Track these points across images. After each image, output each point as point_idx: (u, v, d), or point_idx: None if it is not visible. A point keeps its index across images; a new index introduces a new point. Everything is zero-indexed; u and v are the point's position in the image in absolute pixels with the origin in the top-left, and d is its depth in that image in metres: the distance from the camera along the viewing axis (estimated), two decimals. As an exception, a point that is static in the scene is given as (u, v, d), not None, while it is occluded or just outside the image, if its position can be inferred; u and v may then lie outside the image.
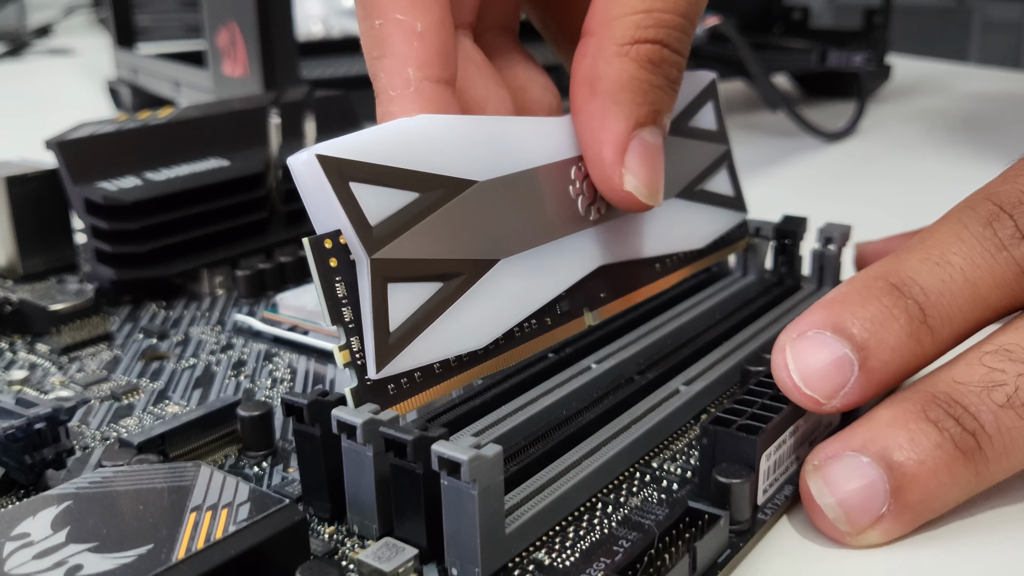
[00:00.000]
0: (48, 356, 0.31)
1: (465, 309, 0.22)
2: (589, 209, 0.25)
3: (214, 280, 0.36)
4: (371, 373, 0.20)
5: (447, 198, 0.21)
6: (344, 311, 0.20)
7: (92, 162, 0.35)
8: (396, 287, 0.20)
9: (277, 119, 0.39)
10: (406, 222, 0.21)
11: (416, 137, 0.21)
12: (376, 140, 0.21)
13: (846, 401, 0.22)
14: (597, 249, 0.26)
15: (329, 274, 0.20)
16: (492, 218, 0.22)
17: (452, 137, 0.22)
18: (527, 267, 0.23)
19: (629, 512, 0.21)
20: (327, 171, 0.20)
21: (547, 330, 0.25)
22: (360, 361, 0.20)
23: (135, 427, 0.26)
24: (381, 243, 0.20)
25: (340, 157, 0.20)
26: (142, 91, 0.73)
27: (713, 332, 0.29)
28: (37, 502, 0.19)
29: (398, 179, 0.21)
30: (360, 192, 0.20)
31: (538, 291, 0.24)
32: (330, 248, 0.20)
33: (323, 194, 0.20)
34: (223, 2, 0.55)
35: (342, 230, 0.20)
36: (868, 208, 0.47)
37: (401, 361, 0.20)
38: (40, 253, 0.37)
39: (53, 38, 1.25)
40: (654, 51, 0.24)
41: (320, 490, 0.21)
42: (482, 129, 0.23)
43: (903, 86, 0.80)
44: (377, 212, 0.20)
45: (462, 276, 0.22)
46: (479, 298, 0.22)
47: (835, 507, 0.21)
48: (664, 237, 0.28)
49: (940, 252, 0.22)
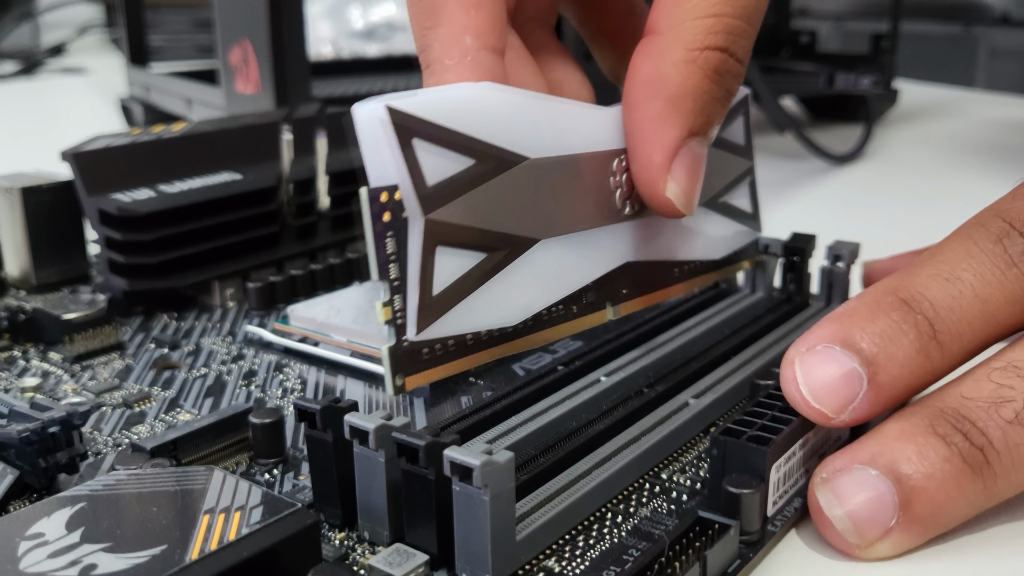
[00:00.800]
0: (60, 364, 0.31)
1: (503, 284, 0.22)
2: (624, 203, 0.25)
3: (225, 292, 0.36)
4: (410, 334, 0.20)
5: (499, 170, 0.21)
6: (391, 267, 0.20)
7: (107, 174, 0.35)
8: (444, 251, 0.20)
9: (289, 135, 0.40)
10: (460, 188, 0.20)
11: (479, 105, 0.21)
12: (443, 101, 0.20)
13: (855, 415, 0.22)
14: (626, 244, 0.26)
15: (382, 227, 0.19)
16: (537, 197, 0.22)
17: (511, 110, 0.22)
18: (563, 252, 0.23)
19: (639, 522, 0.22)
20: (395, 125, 0.19)
21: (572, 318, 0.25)
22: (400, 320, 0.20)
23: (147, 434, 0.26)
24: (436, 204, 0.20)
25: (408, 112, 0.19)
26: (154, 108, 0.74)
27: (722, 347, 0.29)
28: (52, 503, 0.19)
29: (458, 144, 0.20)
30: (421, 150, 0.20)
31: (570, 277, 0.24)
32: (385, 202, 0.19)
33: (386, 147, 0.19)
34: (236, 20, 0.55)
35: (399, 185, 0.20)
36: (876, 229, 0.47)
37: (440, 327, 0.20)
38: (53, 264, 0.37)
39: (66, 57, 1.26)
40: (720, 60, 0.23)
41: (331, 496, 0.21)
42: (539, 107, 0.23)
43: (910, 111, 0.81)
44: (435, 173, 0.20)
45: (504, 251, 0.22)
46: (517, 275, 0.22)
47: (844, 519, 0.21)
48: (687, 243, 0.28)
49: (950, 268, 0.22)
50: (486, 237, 0.21)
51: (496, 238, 0.21)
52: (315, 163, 0.40)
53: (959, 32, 1.24)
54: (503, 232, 0.21)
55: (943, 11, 1.24)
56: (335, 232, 0.41)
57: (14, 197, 0.36)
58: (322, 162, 0.40)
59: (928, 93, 0.93)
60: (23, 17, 1.30)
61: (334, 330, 0.31)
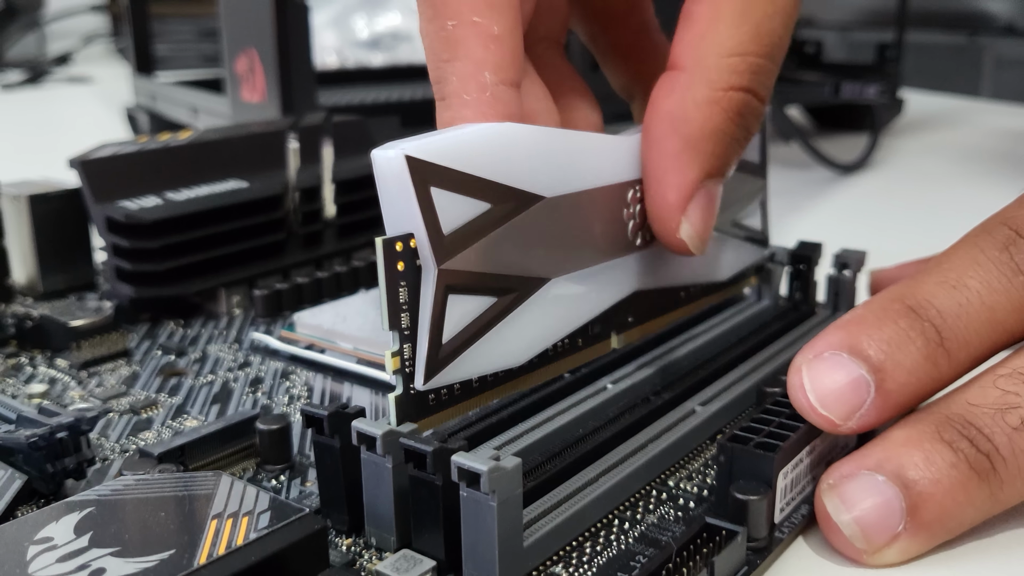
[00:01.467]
0: (67, 371, 0.31)
1: (511, 326, 0.22)
2: (636, 234, 0.25)
3: (231, 300, 0.36)
4: (418, 384, 0.20)
5: (515, 212, 0.21)
6: (403, 316, 0.20)
7: (114, 181, 0.35)
8: (455, 299, 0.20)
9: (295, 143, 0.40)
10: (475, 233, 0.20)
11: (497, 145, 0.21)
12: (461, 145, 0.20)
13: (862, 422, 0.22)
14: (635, 274, 0.26)
15: (395, 277, 0.19)
16: (551, 236, 0.22)
17: (529, 148, 0.22)
18: (573, 288, 0.23)
19: (646, 529, 0.21)
20: (412, 173, 0.19)
21: (577, 351, 0.25)
22: (408, 369, 0.20)
23: (154, 440, 0.26)
24: (451, 253, 0.20)
25: (427, 160, 0.19)
26: (160, 117, 0.74)
27: (728, 355, 0.29)
28: (60, 507, 0.19)
29: (475, 188, 0.20)
30: (439, 198, 0.19)
31: (579, 312, 0.24)
32: (400, 251, 0.19)
33: (403, 195, 0.19)
34: (242, 29, 0.56)
35: (415, 234, 0.19)
36: (882, 238, 0.47)
37: (448, 374, 0.20)
38: (60, 271, 0.37)
39: (72, 66, 1.26)
40: (744, 101, 0.23)
41: (338, 502, 0.21)
42: (556, 142, 0.23)
43: (916, 120, 0.81)
44: (451, 220, 0.20)
45: (515, 293, 0.21)
46: (526, 316, 0.22)
47: (852, 524, 0.21)
48: (696, 267, 0.28)
49: (957, 275, 0.22)
50: (498, 281, 0.21)
51: (508, 281, 0.21)
52: (321, 171, 0.40)
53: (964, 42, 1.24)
54: (515, 275, 0.21)
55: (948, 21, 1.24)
56: (341, 240, 0.41)
57: (21, 205, 0.36)
58: (328, 170, 0.40)
59: (934, 103, 0.93)
60: (29, 27, 1.30)
61: (340, 337, 0.31)
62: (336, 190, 0.40)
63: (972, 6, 1.25)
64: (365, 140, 0.43)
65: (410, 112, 0.58)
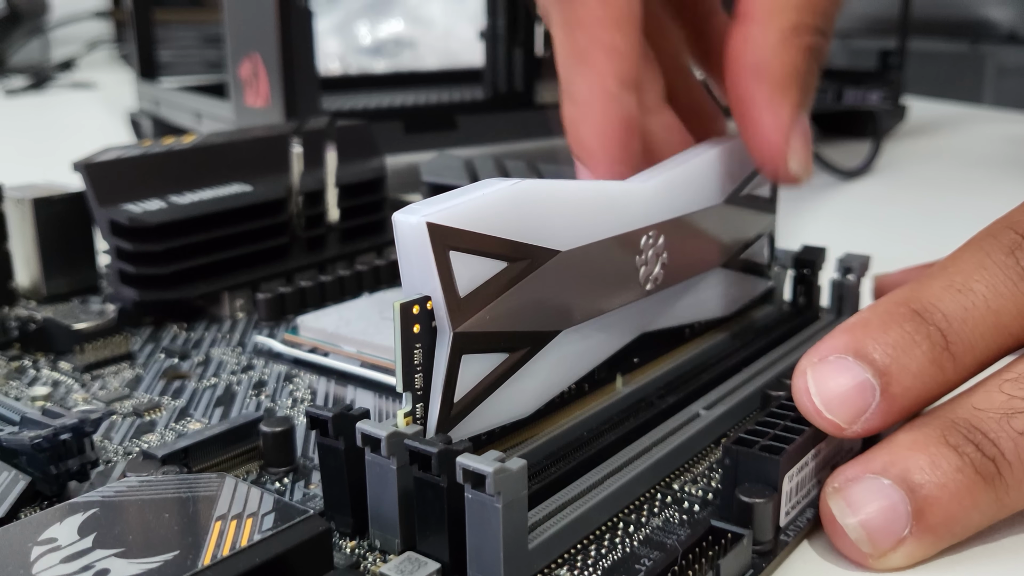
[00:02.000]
0: (71, 374, 0.31)
1: (521, 379, 0.22)
2: (647, 279, 0.25)
3: (235, 303, 0.36)
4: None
5: (530, 269, 0.21)
6: (416, 378, 0.20)
7: (118, 184, 0.35)
8: (468, 358, 0.20)
9: (299, 147, 0.40)
10: (491, 294, 0.20)
11: (516, 204, 0.21)
12: (482, 207, 0.20)
13: (868, 426, 0.22)
14: (643, 318, 0.26)
15: (411, 340, 0.20)
16: (564, 289, 0.22)
17: (546, 204, 0.22)
18: (582, 337, 0.23)
19: (651, 532, 0.21)
20: (433, 240, 0.19)
21: (583, 396, 0.25)
22: (419, 428, 0.20)
23: (157, 442, 0.26)
24: (466, 316, 0.20)
25: (448, 226, 0.19)
26: (163, 122, 0.74)
27: (733, 359, 0.29)
28: (64, 509, 0.19)
29: (493, 248, 0.20)
30: (457, 261, 0.20)
31: (587, 360, 0.24)
32: (416, 314, 0.20)
33: (423, 260, 0.19)
34: (247, 34, 0.56)
35: (432, 297, 0.20)
36: (885, 244, 0.47)
37: (457, 433, 0.20)
38: (63, 275, 0.37)
39: (76, 72, 1.26)
40: (813, 40, 0.25)
41: (343, 504, 0.21)
42: (573, 196, 0.23)
43: (918, 127, 0.81)
44: (468, 282, 0.20)
45: (526, 348, 0.22)
46: (535, 369, 0.22)
47: (857, 527, 0.21)
48: (701, 304, 0.29)
49: (963, 279, 0.22)
50: (511, 338, 0.21)
51: (520, 337, 0.21)
52: (324, 175, 0.40)
53: (966, 50, 1.24)
54: (528, 331, 0.21)
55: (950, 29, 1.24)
56: (344, 244, 0.41)
57: (25, 208, 0.36)
58: (331, 174, 0.40)
59: (936, 110, 0.93)
60: (33, 33, 1.30)
61: (344, 340, 0.31)
62: (339, 194, 0.40)
63: (974, 14, 1.25)
64: (368, 144, 0.43)
65: (413, 118, 0.59)
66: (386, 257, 0.40)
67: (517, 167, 0.37)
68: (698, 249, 0.28)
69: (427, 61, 1.03)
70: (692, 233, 0.27)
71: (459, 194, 0.21)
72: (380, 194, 0.42)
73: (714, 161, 0.28)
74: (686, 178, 0.27)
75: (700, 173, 0.27)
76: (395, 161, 0.49)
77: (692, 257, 0.27)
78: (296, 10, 0.51)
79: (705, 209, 0.27)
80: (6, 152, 0.76)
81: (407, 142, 0.58)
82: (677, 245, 0.26)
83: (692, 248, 0.27)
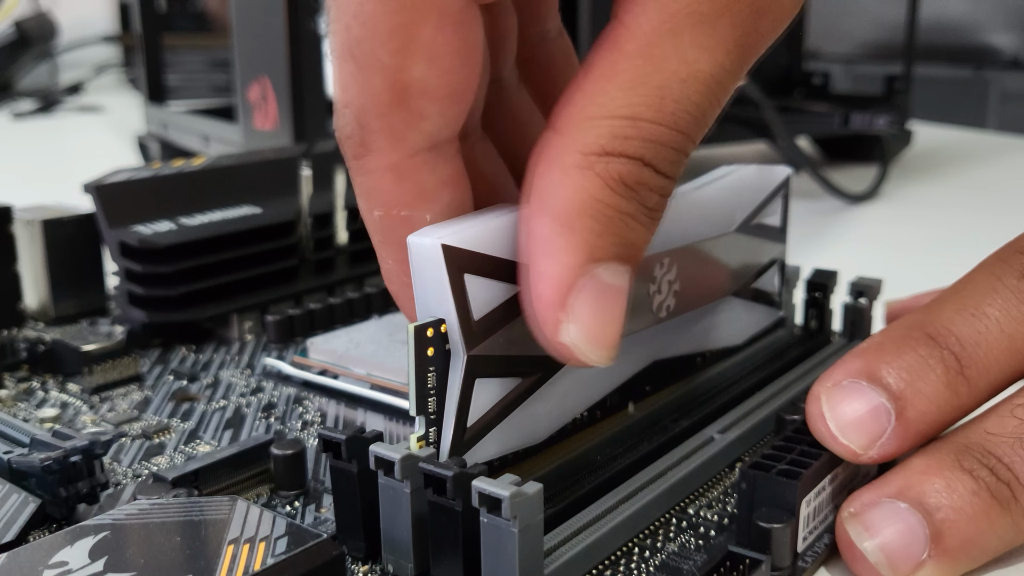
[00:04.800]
0: (79, 395, 0.31)
1: (533, 405, 0.22)
2: (660, 307, 0.25)
3: (244, 325, 0.36)
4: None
5: None
6: (430, 402, 0.20)
7: (128, 206, 0.35)
8: (482, 382, 0.20)
9: (308, 170, 0.40)
10: (504, 317, 0.20)
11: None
12: (498, 229, 0.20)
13: (883, 451, 0.21)
14: (655, 345, 0.26)
15: (424, 363, 0.19)
16: None
17: None
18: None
19: (667, 557, 0.21)
20: (448, 262, 0.19)
21: (595, 423, 0.25)
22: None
23: (167, 465, 0.26)
24: (479, 339, 0.20)
25: (463, 248, 0.19)
26: (171, 145, 0.74)
27: (746, 382, 0.29)
28: (75, 532, 0.19)
29: (506, 271, 0.20)
30: (472, 284, 0.20)
31: (599, 387, 0.24)
32: (430, 337, 0.19)
33: (437, 282, 0.19)
34: (256, 57, 0.56)
35: (446, 320, 0.19)
36: (893, 269, 0.47)
37: (469, 458, 0.20)
38: (72, 297, 0.37)
39: (84, 96, 1.27)
40: (631, 170, 0.19)
41: (355, 528, 0.21)
42: None
43: (925, 152, 0.81)
44: (481, 305, 0.20)
45: (539, 373, 0.22)
46: (548, 394, 0.22)
47: (877, 551, 0.20)
48: (712, 333, 0.28)
49: (975, 303, 0.22)
50: (524, 363, 0.21)
51: (533, 362, 0.21)
52: (333, 198, 0.40)
53: (970, 75, 1.24)
54: (541, 355, 0.21)
55: (954, 54, 1.25)
56: (353, 267, 0.41)
57: (35, 229, 0.36)
58: (340, 197, 0.40)
59: (941, 134, 0.93)
60: (42, 57, 1.31)
61: (354, 363, 0.31)
62: (348, 217, 0.40)
63: (978, 40, 1.26)
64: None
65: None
66: (395, 280, 0.40)
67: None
68: (710, 277, 0.28)
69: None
70: (704, 261, 0.27)
71: (474, 216, 0.21)
72: (389, 217, 0.42)
73: (727, 188, 0.28)
74: (699, 206, 0.27)
75: (713, 201, 0.27)
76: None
77: (704, 285, 0.27)
78: (306, 33, 0.52)
79: (717, 237, 0.27)
80: (14, 175, 0.76)
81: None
82: (689, 273, 0.26)
83: (704, 276, 0.27)
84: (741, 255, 0.29)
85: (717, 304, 0.28)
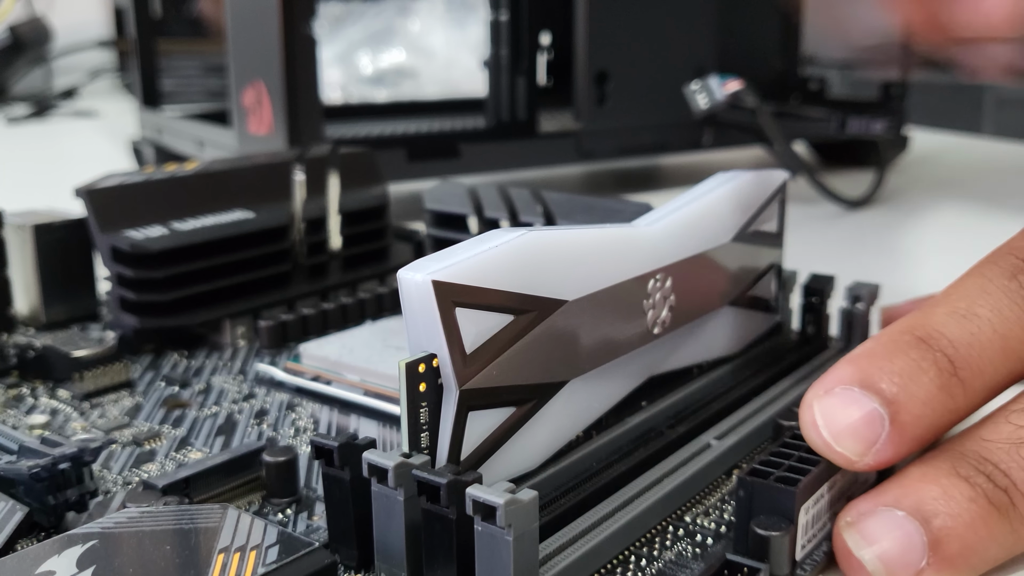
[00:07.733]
0: (70, 402, 0.30)
1: (528, 433, 0.21)
2: (655, 323, 0.25)
3: (236, 331, 0.36)
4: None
5: (538, 320, 0.21)
6: (423, 437, 0.20)
7: (120, 211, 0.35)
8: (475, 415, 0.20)
9: (301, 175, 0.40)
10: (498, 348, 0.20)
11: (523, 257, 0.21)
12: (488, 262, 0.20)
13: (879, 458, 0.21)
14: (651, 362, 0.25)
15: (416, 399, 0.19)
16: (572, 338, 0.22)
17: (554, 255, 0.22)
18: (590, 386, 0.23)
19: (664, 566, 0.21)
20: (439, 298, 0.19)
21: (590, 441, 0.24)
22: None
23: (157, 472, 0.25)
24: (473, 372, 0.20)
25: (453, 282, 0.19)
26: (165, 150, 0.74)
27: (742, 388, 0.28)
28: (63, 540, 0.18)
29: (500, 301, 0.20)
30: (463, 317, 0.19)
31: (595, 409, 0.24)
32: (422, 372, 0.19)
33: (428, 319, 0.19)
34: (250, 62, 0.56)
35: (438, 355, 0.19)
36: (889, 274, 0.47)
37: None
38: (63, 302, 0.37)
39: (78, 100, 1.27)
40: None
41: (348, 536, 0.21)
42: (579, 244, 0.23)
43: (921, 157, 0.81)
44: (474, 338, 0.20)
45: (534, 401, 0.21)
46: (543, 420, 0.22)
47: (875, 560, 0.20)
48: (708, 344, 0.28)
49: (967, 305, 0.22)
50: (518, 391, 0.21)
51: (527, 390, 0.21)
52: (327, 203, 0.40)
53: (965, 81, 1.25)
54: (534, 383, 0.21)
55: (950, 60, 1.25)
56: (346, 272, 0.40)
57: (26, 234, 0.36)
58: (334, 201, 0.40)
59: (937, 140, 0.93)
60: (36, 62, 1.31)
61: (347, 369, 0.31)
62: (342, 221, 0.40)
63: (973, 45, 1.26)
64: (372, 171, 0.43)
65: (416, 145, 0.58)
66: (389, 285, 0.40)
67: (521, 195, 0.37)
68: (706, 289, 0.27)
69: (428, 91, 1.03)
70: (700, 273, 0.27)
71: (465, 248, 0.20)
72: (383, 221, 0.42)
73: (723, 199, 0.28)
74: (694, 218, 0.26)
75: (709, 212, 0.27)
76: (398, 189, 0.49)
77: (700, 298, 0.27)
78: (300, 37, 0.51)
79: (713, 248, 0.27)
80: (7, 180, 0.76)
81: (410, 170, 0.57)
82: (685, 286, 0.26)
83: (700, 288, 0.27)
84: (738, 264, 0.29)
85: (713, 314, 0.28)
